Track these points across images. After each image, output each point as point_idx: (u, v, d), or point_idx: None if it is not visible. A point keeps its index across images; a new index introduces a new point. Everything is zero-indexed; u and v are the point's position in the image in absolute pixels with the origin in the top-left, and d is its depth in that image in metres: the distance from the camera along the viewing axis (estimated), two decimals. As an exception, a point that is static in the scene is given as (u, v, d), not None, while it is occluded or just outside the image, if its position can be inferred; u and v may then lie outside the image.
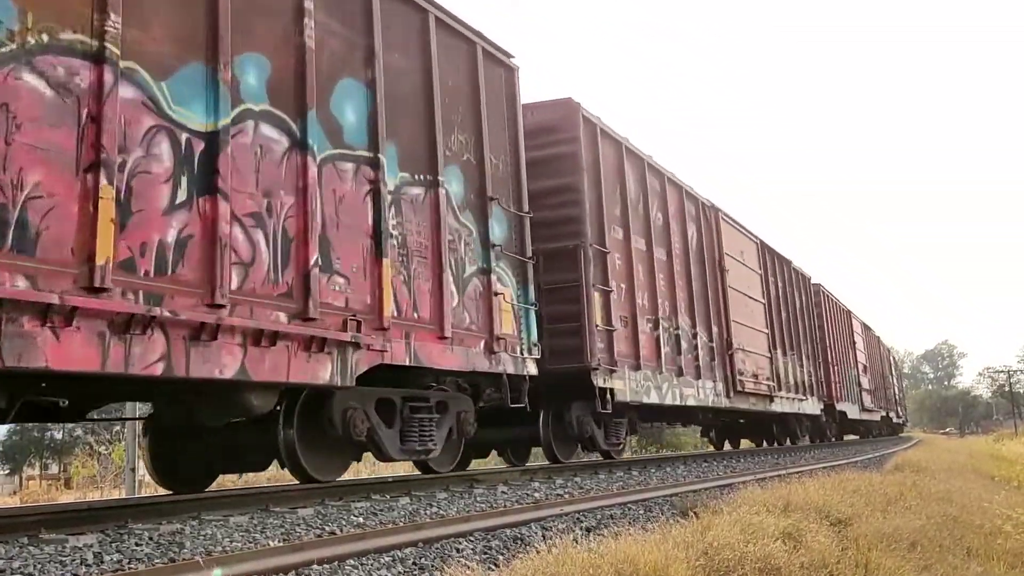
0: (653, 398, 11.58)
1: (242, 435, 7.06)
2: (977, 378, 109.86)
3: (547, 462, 11.38)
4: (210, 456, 7.49)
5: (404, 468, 21.19)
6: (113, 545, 4.19)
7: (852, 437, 30.94)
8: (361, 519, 5.44)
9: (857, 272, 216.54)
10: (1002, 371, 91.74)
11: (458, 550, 4.25)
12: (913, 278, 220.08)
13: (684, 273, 13.45)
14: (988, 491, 10.41)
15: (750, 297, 16.57)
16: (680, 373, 12.56)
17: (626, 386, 10.69)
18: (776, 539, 4.81)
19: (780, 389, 17.52)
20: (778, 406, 17.39)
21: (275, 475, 19.77)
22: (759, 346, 16.52)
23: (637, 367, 11.11)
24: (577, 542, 4.21)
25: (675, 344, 12.63)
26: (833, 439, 25.37)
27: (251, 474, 20.26)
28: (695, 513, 5.81)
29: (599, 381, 10.00)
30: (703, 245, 14.51)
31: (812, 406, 20.62)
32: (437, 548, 4.25)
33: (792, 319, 19.88)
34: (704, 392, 13.50)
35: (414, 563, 3.93)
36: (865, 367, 30.37)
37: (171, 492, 7.44)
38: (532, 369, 8.75)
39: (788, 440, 20.62)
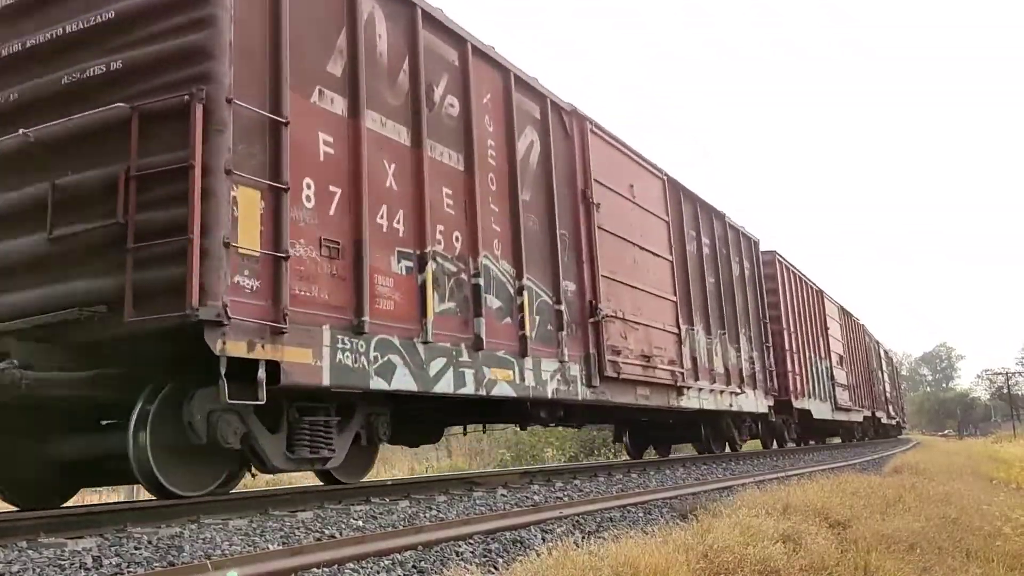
0: (403, 383, 6.81)
1: None
2: (975, 380, 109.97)
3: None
4: None
5: (404, 471, 21.19)
6: (112, 549, 4.19)
7: (835, 440, 29.41)
8: (360, 522, 5.44)
9: (853, 272, 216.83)
10: (1000, 373, 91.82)
11: (458, 553, 4.25)
12: (911, 280, 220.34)
13: (506, 196, 8.82)
14: (987, 493, 10.42)
15: (644, 249, 11.94)
16: (480, 346, 7.80)
17: (322, 359, 6.12)
18: (776, 541, 4.82)
19: (697, 378, 13.07)
20: (693, 401, 12.81)
21: (273, 479, 19.75)
22: (658, 317, 11.95)
23: (360, 330, 6.46)
24: (577, 545, 4.21)
25: (470, 299, 7.87)
26: (795, 443, 21.79)
27: (249, 477, 20.24)
28: (695, 516, 5.81)
29: (231, 346, 5.45)
30: (552, 163, 9.79)
31: (754, 402, 15.91)
32: (437, 551, 4.25)
33: (726, 290, 15.15)
34: (538, 377, 8.75)
35: (414, 566, 3.92)
36: (841, 358, 25.77)
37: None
38: None
39: (727, 446, 16.33)
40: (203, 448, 5.86)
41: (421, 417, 8.76)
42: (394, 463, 23.45)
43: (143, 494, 13.41)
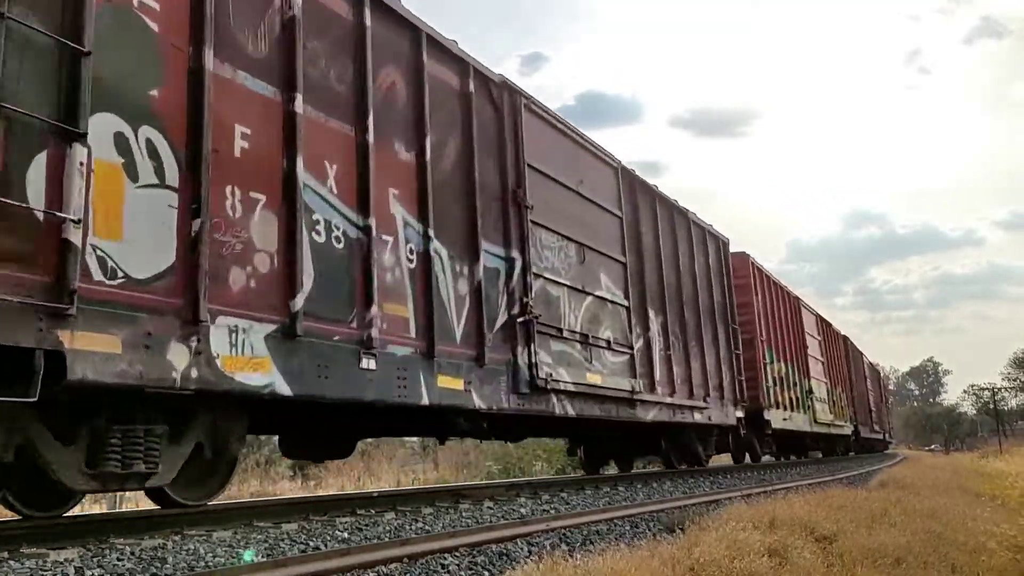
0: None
1: None
2: (962, 395, 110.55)
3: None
4: None
5: (390, 483, 21.14)
6: (95, 560, 4.16)
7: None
8: (346, 534, 5.41)
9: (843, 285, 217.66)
10: (987, 389, 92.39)
11: (444, 566, 4.23)
12: (900, 293, 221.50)
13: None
14: (973, 508, 10.44)
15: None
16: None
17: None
18: (762, 555, 4.82)
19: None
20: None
21: (258, 490, 19.64)
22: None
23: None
24: (564, 558, 4.19)
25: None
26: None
27: (234, 488, 20.15)
28: (682, 529, 5.81)
29: None
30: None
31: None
32: (422, 564, 4.22)
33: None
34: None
35: (399, 579, 3.90)
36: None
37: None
38: None
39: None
40: None
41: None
42: (380, 475, 23.36)
43: (125, 505, 13.29)
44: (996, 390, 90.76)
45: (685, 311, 13.46)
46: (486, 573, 4.19)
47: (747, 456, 19.32)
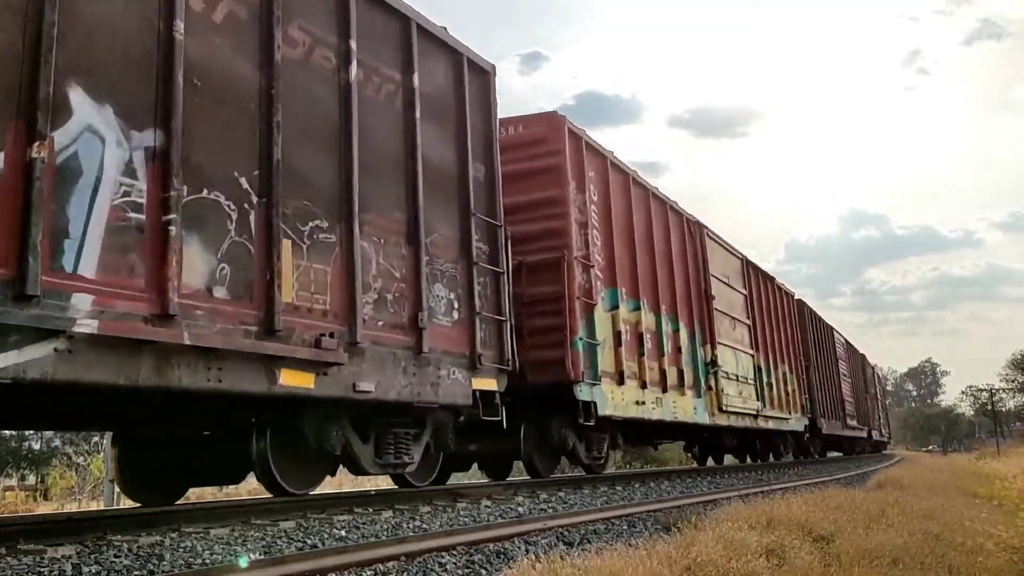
0: None
1: None
2: (960, 396, 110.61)
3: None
4: None
5: (388, 481, 21.16)
6: (92, 556, 4.16)
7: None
8: (343, 532, 5.41)
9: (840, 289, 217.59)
10: (984, 390, 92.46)
11: (441, 564, 4.23)
12: (899, 294, 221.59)
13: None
14: (970, 509, 10.45)
15: None
16: None
17: None
18: (759, 555, 4.82)
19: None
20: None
21: (255, 488, 19.64)
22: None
23: None
24: (561, 557, 4.19)
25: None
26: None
27: (232, 487, 20.11)
28: (678, 529, 5.80)
29: None
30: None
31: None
32: (419, 562, 4.22)
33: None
34: None
35: (396, 577, 3.90)
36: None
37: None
38: None
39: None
40: None
41: None
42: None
43: (125, 502, 13.29)
44: (994, 391, 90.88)
45: (288, 155, 5.95)
46: (483, 572, 4.19)
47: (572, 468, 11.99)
